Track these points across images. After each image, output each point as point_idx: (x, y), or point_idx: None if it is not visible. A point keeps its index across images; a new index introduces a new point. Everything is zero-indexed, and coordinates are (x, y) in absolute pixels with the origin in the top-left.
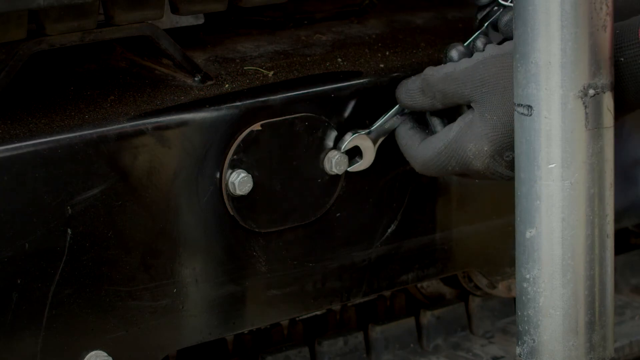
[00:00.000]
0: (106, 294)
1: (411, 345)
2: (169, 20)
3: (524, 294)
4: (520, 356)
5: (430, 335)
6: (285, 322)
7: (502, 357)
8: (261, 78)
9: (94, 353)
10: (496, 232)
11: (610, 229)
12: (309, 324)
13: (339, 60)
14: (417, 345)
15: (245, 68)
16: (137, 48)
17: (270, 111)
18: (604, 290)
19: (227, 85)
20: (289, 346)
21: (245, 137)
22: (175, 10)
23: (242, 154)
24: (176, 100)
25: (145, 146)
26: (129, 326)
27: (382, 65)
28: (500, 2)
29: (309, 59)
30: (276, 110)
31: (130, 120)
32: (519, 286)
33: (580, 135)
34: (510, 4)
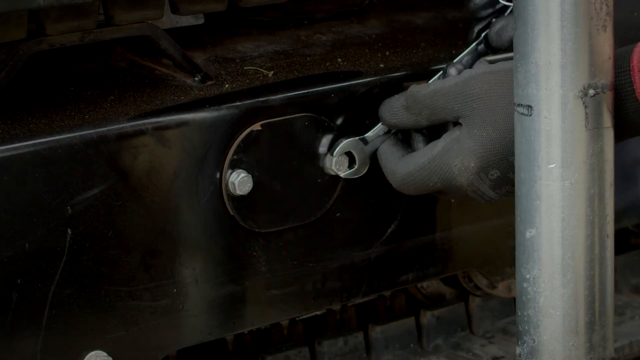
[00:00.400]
0: (106, 294)
1: (411, 345)
2: (169, 20)
3: (524, 294)
4: (520, 356)
5: (430, 335)
6: (285, 322)
7: (502, 357)
8: (261, 78)
9: (94, 353)
10: (496, 232)
11: (610, 229)
12: (309, 324)
13: (339, 60)
14: (417, 345)
15: (245, 68)
16: (137, 48)
17: (270, 111)
18: (604, 290)
19: (227, 85)
20: (289, 346)
21: (245, 137)
22: (175, 10)
23: (242, 154)
24: (176, 100)
25: (145, 146)
26: (129, 326)
27: (382, 65)
28: (500, 2)
29: (309, 59)
30: (276, 110)
31: (130, 120)
32: (519, 286)
33: (580, 135)
34: (510, 3)
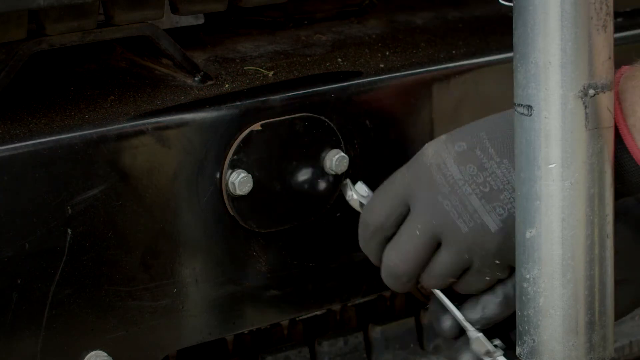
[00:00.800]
0: (106, 294)
1: (411, 345)
2: (169, 20)
3: (524, 294)
4: (520, 356)
5: (430, 335)
6: (285, 322)
7: None
8: (261, 78)
9: (94, 353)
10: None
11: (610, 229)
12: (309, 324)
13: (339, 60)
14: (417, 345)
15: (245, 68)
16: (137, 48)
17: (270, 111)
18: (604, 290)
19: (227, 85)
20: (289, 346)
21: (245, 137)
22: (175, 10)
23: (242, 154)
24: (176, 100)
25: (145, 146)
26: (129, 326)
27: (382, 65)
28: (500, 2)
29: (309, 59)
30: (276, 110)
31: (130, 120)
32: (519, 286)
33: (580, 135)
34: (510, 3)
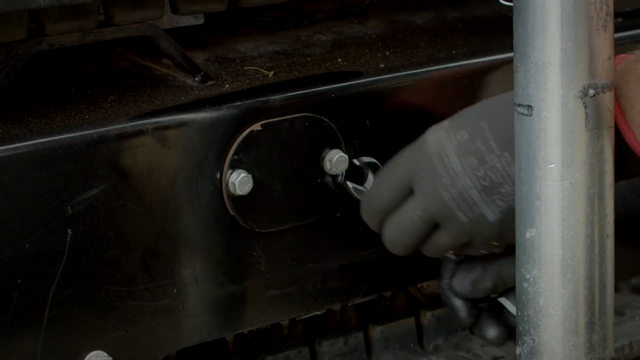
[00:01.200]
0: (106, 294)
1: (411, 345)
2: (169, 20)
3: (524, 294)
4: (520, 356)
5: (430, 335)
6: (285, 322)
7: (502, 357)
8: (261, 78)
9: (94, 353)
10: None
11: (610, 229)
12: (309, 324)
13: (339, 60)
14: (417, 345)
15: (245, 68)
16: (137, 48)
17: (270, 111)
18: (604, 290)
19: (227, 85)
20: (289, 346)
21: (245, 137)
22: (175, 10)
23: (242, 154)
24: (176, 100)
25: (145, 146)
26: (129, 326)
27: (382, 65)
28: (500, 2)
29: (309, 59)
30: (276, 110)
31: (130, 120)
32: (519, 286)
33: (580, 135)
34: (510, 3)
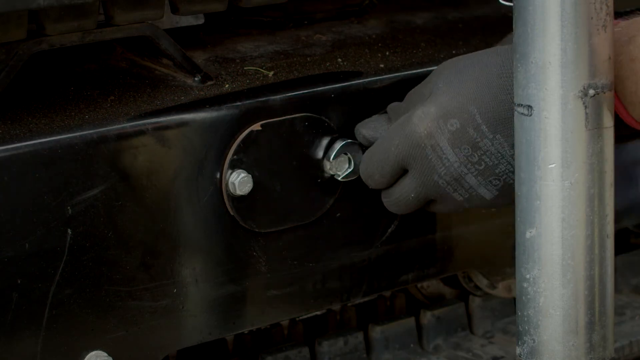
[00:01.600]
0: (106, 294)
1: (411, 345)
2: (169, 20)
3: (524, 294)
4: (520, 356)
5: (430, 335)
6: (285, 322)
7: (502, 357)
8: (261, 78)
9: (94, 353)
10: (496, 232)
11: (610, 229)
12: (309, 324)
13: (339, 60)
14: (417, 345)
15: (245, 68)
16: (137, 48)
17: (270, 111)
18: (604, 290)
19: (227, 85)
20: (289, 346)
21: (245, 137)
22: (175, 10)
23: (242, 154)
24: (176, 100)
25: (145, 146)
26: (129, 326)
27: (382, 65)
28: (500, 2)
29: (309, 59)
30: (276, 110)
31: (130, 120)
32: (519, 286)
33: (580, 135)
34: (510, 3)
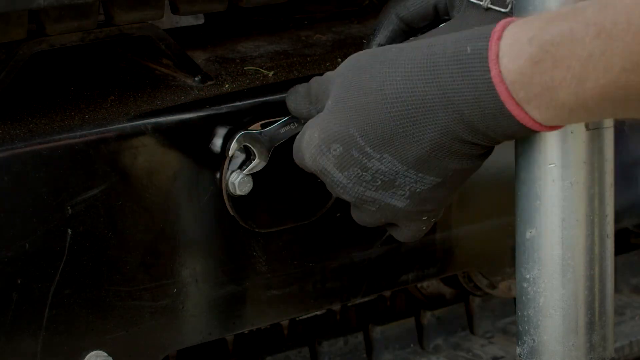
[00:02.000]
0: (106, 294)
1: (411, 345)
2: (169, 20)
3: (524, 294)
4: (520, 356)
5: (430, 335)
6: (285, 322)
7: (502, 357)
8: (261, 78)
9: (94, 353)
10: (496, 232)
11: (610, 229)
12: (309, 324)
13: (339, 60)
14: (417, 345)
15: (245, 68)
16: (137, 48)
17: (270, 111)
18: (604, 290)
19: (227, 85)
20: (289, 346)
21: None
22: (175, 10)
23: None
24: (176, 100)
25: (145, 146)
26: (129, 326)
27: None
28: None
29: (309, 59)
30: (276, 110)
31: (130, 120)
32: (519, 286)
33: (580, 135)
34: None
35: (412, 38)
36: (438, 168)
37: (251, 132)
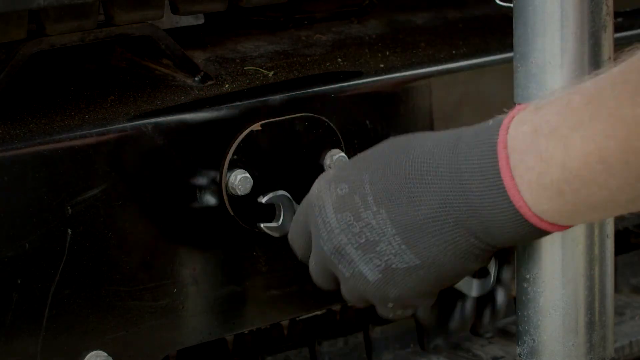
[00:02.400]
0: (106, 294)
1: (411, 345)
2: (169, 20)
3: (524, 294)
4: (520, 356)
5: (430, 335)
6: (285, 322)
7: (502, 357)
8: (261, 78)
9: (94, 353)
10: None
11: (610, 229)
12: (309, 324)
13: (339, 60)
14: (417, 346)
15: (245, 68)
16: (137, 48)
17: (270, 111)
18: (604, 290)
19: (227, 85)
20: (289, 346)
21: (245, 137)
22: (175, 10)
23: (242, 154)
24: (176, 100)
25: (145, 146)
26: (129, 326)
27: (382, 65)
28: (497, 2)
29: (309, 59)
30: (276, 110)
31: (130, 120)
32: (519, 286)
33: None
34: (510, 4)
35: None
36: (422, 245)
37: (290, 199)
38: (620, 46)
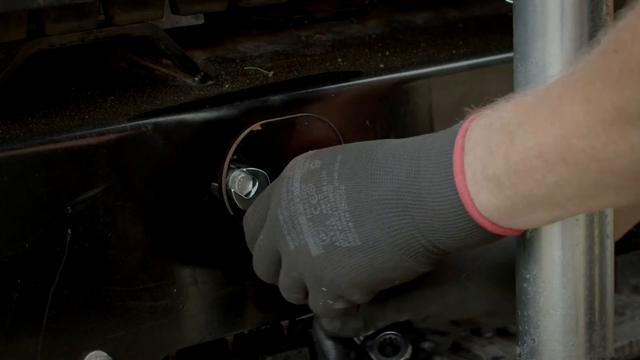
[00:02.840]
0: (106, 294)
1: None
2: (169, 20)
3: (524, 294)
4: (520, 356)
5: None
6: (285, 322)
7: (502, 357)
8: (261, 78)
9: (94, 353)
10: None
11: (610, 229)
12: (309, 324)
13: (339, 60)
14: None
15: (245, 68)
16: (137, 48)
17: (270, 111)
18: (604, 290)
19: (227, 85)
20: (289, 346)
21: (245, 137)
22: (175, 10)
23: (242, 154)
24: (176, 100)
25: (145, 146)
26: (129, 326)
27: (382, 65)
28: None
29: (309, 59)
30: (276, 110)
31: (130, 120)
32: (519, 286)
33: None
34: (510, 1)
35: None
36: (367, 226)
37: (268, 180)
38: None
